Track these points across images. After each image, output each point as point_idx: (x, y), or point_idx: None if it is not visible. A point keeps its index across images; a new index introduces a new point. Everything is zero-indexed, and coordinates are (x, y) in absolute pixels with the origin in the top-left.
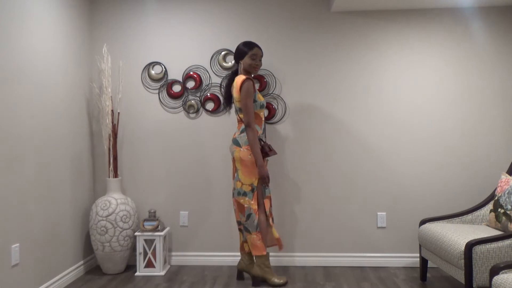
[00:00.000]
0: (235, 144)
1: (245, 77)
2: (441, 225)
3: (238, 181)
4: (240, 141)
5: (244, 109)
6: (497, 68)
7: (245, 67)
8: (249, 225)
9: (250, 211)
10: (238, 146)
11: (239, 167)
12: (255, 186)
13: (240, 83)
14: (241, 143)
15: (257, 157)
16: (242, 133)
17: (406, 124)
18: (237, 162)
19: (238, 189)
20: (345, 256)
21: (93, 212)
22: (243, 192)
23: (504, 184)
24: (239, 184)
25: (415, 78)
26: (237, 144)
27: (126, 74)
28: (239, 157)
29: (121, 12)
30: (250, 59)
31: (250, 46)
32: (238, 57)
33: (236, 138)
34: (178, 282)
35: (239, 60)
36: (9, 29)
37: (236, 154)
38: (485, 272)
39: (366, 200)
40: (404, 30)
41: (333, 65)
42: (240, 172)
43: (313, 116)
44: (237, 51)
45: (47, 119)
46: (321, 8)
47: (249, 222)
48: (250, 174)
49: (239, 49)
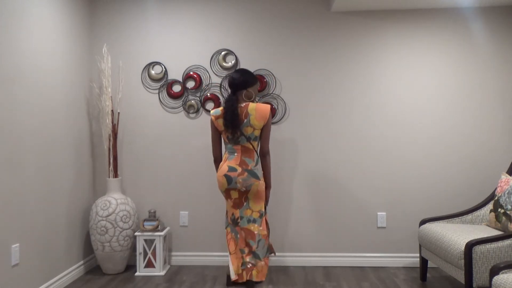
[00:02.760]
0: (253, 177)
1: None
2: (441, 225)
3: (248, 209)
4: (259, 174)
5: (268, 136)
6: (497, 68)
7: (250, 96)
8: (259, 251)
9: (260, 237)
10: (257, 180)
11: (251, 197)
12: (263, 211)
13: (269, 111)
14: (259, 176)
15: (270, 180)
16: (257, 164)
17: (406, 123)
18: (252, 193)
19: (247, 217)
20: (345, 256)
21: (93, 212)
22: (253, 219)
23: (504, 184)
24: (249, 212)
25: (415, 78)
26: (255, 177)
27: (126, 74)
28: (257, 190)
29: (121, 12)
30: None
31: (257, 79)
32: (248, 84)
33: (254, 171)
34: (178, 282)
35: (247, 87)
36: (9, 29)
37: (254, 188)
38: (485, 272)
39: (366, 200)
40: (404, 30)
41: (333, 65)
42: (251, 201)
43: (313, 116)
44: (249, 76)
45: (47, 119)
46: (321, 8)
47: (259, 248)
48: (261, 202)
49: (252, 75)
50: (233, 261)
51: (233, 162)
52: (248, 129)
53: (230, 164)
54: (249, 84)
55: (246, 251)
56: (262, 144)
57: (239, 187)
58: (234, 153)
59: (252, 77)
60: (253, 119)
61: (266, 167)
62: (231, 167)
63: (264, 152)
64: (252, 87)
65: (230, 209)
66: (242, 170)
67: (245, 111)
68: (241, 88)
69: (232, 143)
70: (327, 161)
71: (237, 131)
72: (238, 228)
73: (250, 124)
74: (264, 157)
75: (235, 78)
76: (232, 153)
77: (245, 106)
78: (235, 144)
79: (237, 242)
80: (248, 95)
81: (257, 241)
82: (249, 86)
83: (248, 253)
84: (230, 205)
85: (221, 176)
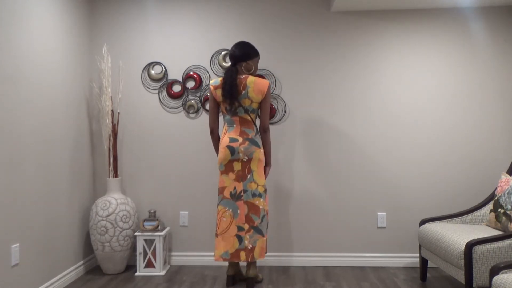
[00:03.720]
0: (254, 145)
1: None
2: (441, 225)
3: (253, 182)
4: (259, 142)
5: (268, 112)
6: (497, 68)
7: (249, 69)
8: (262, 226)
9: (264, 212)
10: (258, 147)
11: (254, 169)
12: (266, 187)
13: (267, 86)
14: (260, 145)
15: (270, 157)
16: (257, 134)
17: (406, 123)
18: (253, 163)
19: (253, 191)
20: (345, 256)
21: (93, 212)
22: (258, 193)
23: (504, 184)
24: (254, 186)
25: (415, 78)
26: (256, 145)
27: (126, 74)
28: (258, 158)
29: (121, 12)
30: (257, 64)
31: (258, 52)
32: (248, 57)
33: (254, 139)
34: (178, 282)
35: (246, 59)
36: (9, 29)
37: (255, 155)
38: (485, 272)
39: (366, 200)
40: (404, 30)
41: (333, 65)
42: (255, 174)
43: (313, 116)
44: (249, 49)
45: (47, 119)
46: (321, 8)
47: (263, 224)
48: (263, 175)
49: (253, 48)
50: (217, 244)
51: (233, 133)
52: (246, 100)
53: (231, 135)
54: (249, 56)
55: (246, 228)
56: (262, 119)
57: (241, 156)
58: (233, 124)
59: (252, 50)
60: (251, 92)
61: (266, 144)
62: (232, 138)
63: (264, 128)
64: (252, 60)
65: (230, 183)
66: (244, 140)
67: (244, 82)
68: (241, 60)
69: (230, 114)
70: (327, 161)
71: (235, 101)
72: (240, 203)
73: (248, 96)
74: (265, 132)
75: (235, 50)
76: (231, 124)
77: (244, 78)
78: (234, 115)
79: (235, 219)
80: (248, 68)
81: (261, 216)
82: (249, 58)
83: (248, 230)
84: (231, 179)
85: (224, 148)
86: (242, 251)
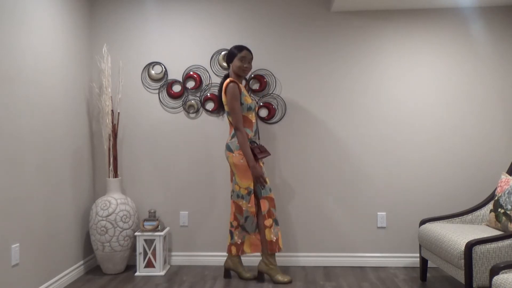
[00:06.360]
0: (227, 150)
1: (229, 80)
2: (441, 225)
3: (236, 184)
4: (232, 146)
5: (232, 112)
6: (497, 68)
7: (234, 70)
8: (247, 226)
9: (248, 213)
10: (230, 152)
11: (234, 172)
12: (251, 189)
13: (225, 86)
14: (233, 149)
15: (249, 159)
16: (233, 138)
17: (406, 124)
18: (231, 167)
19: (236, 192)
20: (345, 256)
21: (93, 212)
22: (241, 195)
23: (504, 184)
24: (237, 187)
25: (415, 78)
26: (229, 149)
27: (126, 74)
28: (233, 162)
29: (121, 12)
30: (239, 61)
31: (239, 48)
32: (228, 60)
33: (228, 144)
34: (178, 282)
35: (229, 63)
36: (9, 29)
37: (230, 160)
38: (485, 272)
39: (366, 200)
40: (404, 30)
41: (333, 65)
42: (236, 176)
43: (312, 116)
44: (227, 53)
45: (47, 119)
46: (321, 8)
47: (247, 224)
48: (246, 178)
49: (229, 51)
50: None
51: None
52: (225, 105)
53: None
54: (229, 59)
55: (235, 225)
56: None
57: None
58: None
59: (229, 52)
60: (223, 94)
61: (239, 144)
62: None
63: (235, 128)
64: (232, 62)
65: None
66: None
67: (224, 87)
68: (228, 65)
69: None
70: (327, 161)
71: (221, 107)
72: (231, 202)
73: (223, 100)
74: (235, 133)
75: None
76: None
77: (226, 82)
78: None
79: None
80: (233, 70)
81: (244, 217)
82: (230, 61)
83: (237, 227)
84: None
85: None
86: (233, 246)
